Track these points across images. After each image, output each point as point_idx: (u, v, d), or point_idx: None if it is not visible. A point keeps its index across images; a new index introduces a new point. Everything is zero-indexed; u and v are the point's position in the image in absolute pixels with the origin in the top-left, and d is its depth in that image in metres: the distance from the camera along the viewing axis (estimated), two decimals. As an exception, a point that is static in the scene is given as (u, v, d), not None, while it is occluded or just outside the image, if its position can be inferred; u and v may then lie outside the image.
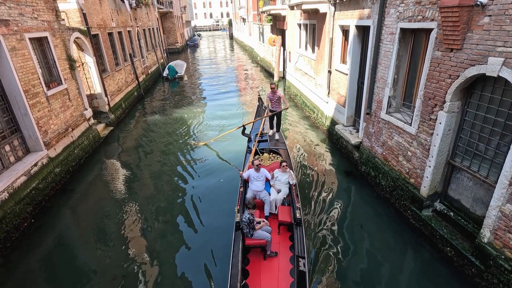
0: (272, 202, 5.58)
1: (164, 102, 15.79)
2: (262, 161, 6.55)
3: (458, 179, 4.94)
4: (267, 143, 7.68)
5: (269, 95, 8.16)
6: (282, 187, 5.76)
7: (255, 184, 5.70)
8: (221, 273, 4.73)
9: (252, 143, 7.63)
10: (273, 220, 5.43)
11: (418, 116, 5.25)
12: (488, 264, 4.09)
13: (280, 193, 5.68)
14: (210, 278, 4.81)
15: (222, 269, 4.78)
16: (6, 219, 5.57)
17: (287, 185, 5.81)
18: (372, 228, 5.78)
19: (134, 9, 17.61)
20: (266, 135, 8.17)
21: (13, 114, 6.57)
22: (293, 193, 5.62)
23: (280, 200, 5.62)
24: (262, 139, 7.92)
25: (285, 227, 5.27)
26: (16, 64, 6.42)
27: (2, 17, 6.19)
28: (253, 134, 8.26)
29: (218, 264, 5.03)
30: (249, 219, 4.53)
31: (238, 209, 5.03)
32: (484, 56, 3.89)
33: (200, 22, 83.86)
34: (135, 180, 7.94)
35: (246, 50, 35.63)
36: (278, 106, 8.15)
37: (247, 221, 4.53)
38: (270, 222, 5.25)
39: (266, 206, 5.53)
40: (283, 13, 15.21)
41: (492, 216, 3.98)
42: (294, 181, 5.84)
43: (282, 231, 5.25)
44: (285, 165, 5.82)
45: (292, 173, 5.90)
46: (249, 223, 4.54)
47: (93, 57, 10.68)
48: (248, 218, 4.53)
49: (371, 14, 6.60)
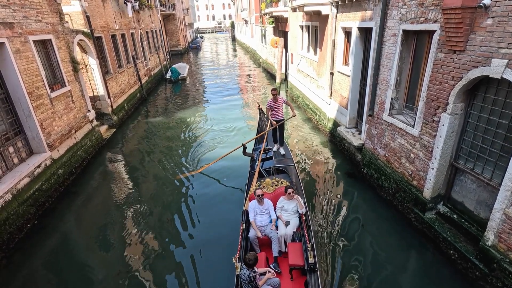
0: (280, 239, 4.74)
1: (167, 104, 15.84)
2: (265, 188, 5.55)
3: (461, 181, 4.91)
4: (272, 161, 6.70)
5: (269, 103, 7.21)
6: (290, 218, 4.94)
7: (259, 219, 4.90)
8: None
9: (256, 161, 6.61)
10: (284, 260, 4.56)
11: (421, 118, 5.23)
12: (492, 268, 4.05)
13: (288, 227, 4.83)
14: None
15: None
16: (9, 220, 5.60)
17: (296, 214, 4.96)
18: (375, 230, 5.75)
19: (137, 12, 17.70)
20: (270, 151, 7.19)
21: (17, 116, 6.61)
22: (303, 226, 4.67)
23: (289, 236, 4.75)
24: (267, 157, 6.99)
25: (299, 271, 4.37)
26: (20, 66, 6.47)
27: (7, 19, 6.25)
28: (256, 151, 7.32)
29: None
30: (249, 276, 3.69)
31: (238, 258, 4.05)
32: (487, 58, 3.87)
33: (202, 24, 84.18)
34: (138, 182, 7.96)
35: (248, 52, 35.69)
36: (279, 115, 7.26)
37: (247, 279, 3.69)
38: (280, 262, 4.54)
39: (274, 245, 4.64)
40: (285, 15, 15.24)
41: (496, 219, 3.95)
42: (303, 210, 4.88)
43: (295, 276, 4.35)
44: (291, 191, 4.95)
45: (300, 199, 5.02)
46: (249, 281, 3.69)
47: (96, 59, 10.75)
48: (248, 275, 3.69)
49: (373, 16, 6.59)
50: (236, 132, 10.95)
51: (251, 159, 7.15)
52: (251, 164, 6.99)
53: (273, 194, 5.42)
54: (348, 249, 5.31)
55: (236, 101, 15.67)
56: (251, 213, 4.91)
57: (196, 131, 11.42)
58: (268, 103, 7.31)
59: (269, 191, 5.50)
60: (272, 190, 5.51)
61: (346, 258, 5.12)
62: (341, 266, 4.97)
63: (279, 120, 7.29)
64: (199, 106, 14.99)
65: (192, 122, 12.44)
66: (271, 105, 7.22)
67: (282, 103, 7.24)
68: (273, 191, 5.50)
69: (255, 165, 6.42)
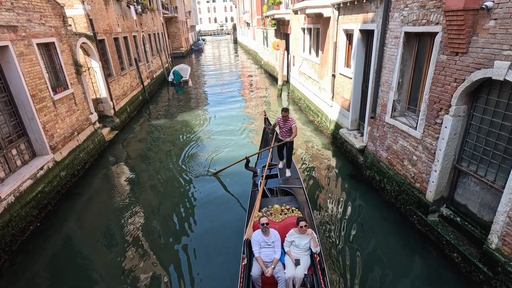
0: (288, 281, 3.90)
1: (169, 107, 15.89)
2: (272, 215, 4.63)
3: (464, 183, 4.88)
4: (277, 181, 5.93)
5: (279, 121, 6.33)
6: (301, 256, 4.13)
7: (264, 253, 4.10)
8: None
9: (259, 178, 5.95)
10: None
11: (423, 120, 5.21)
12: (496, 271, 4.01)
13: (299, 268, 4.01)
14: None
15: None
16: (12, 222, 5.62)
17: (308, 252, 4.16)
18: (377, 233, 5.71)
19: (139, 14, 17.81)
20: (275, 167, 6.53)
21: (20, 118, 6.65)
22: (317, 269, 3.88)
23: (299, 279, 3.92)
24: (271, 173, 6.31)
25: None
26: (24, 69, 6.52)
27: (11, 23, 6.30)
28: (260, 166, 6.60)
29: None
30: None
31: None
32: (490, 60, 3.86)
33: (204, 27, 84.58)
34: (140, 184, 7.97)
35: (250, 54, 35.79)
36: (287, 137, 6.37)
37: None
38: None
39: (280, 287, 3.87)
40: (287, 17, 15.28)
41: (500, 222, 3.92)
42: (318, 249, 4.12)
43: None
44: (304, 225, 4.12)
45: (315, 235, 4.22)
46: None
47: (99, 62, 10.81)
48: None
49: (375, 18, 6.59)
50: (239, 137, 10.90)
51: (253, 174, 6.50)
52: (253, 179, 6.29)
53: (281, 224, 4.51)
54: (350, 252, 5.28)
55: (238, 104, 15.68)
56: (255, 247, 4.11)
57: (198, 134, 11.42)
58: (277, 119, 6.43)
59: (277, 219, 4.59)
60: (280, 219, 4.60)
61: (348, 261, 5.08)
62: (342, 268, 4.93)
63: (286, 141, 6.41)
64: (201, 109, 15.01)
65: (194, 125, 12.45)
66: (280, 124, 6.35)
67: (290, 127, 6.23)
68: (281, 221, 4.57)
69: (258, 182, 5.75)
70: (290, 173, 6.20)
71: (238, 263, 4.32)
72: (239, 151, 9.17)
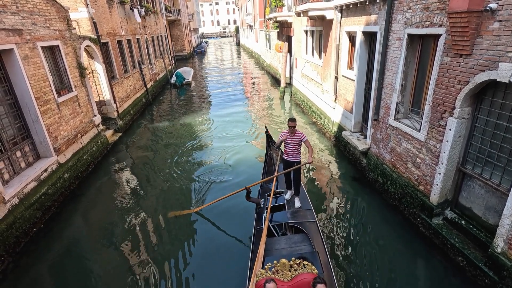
0: None
1: (172, 109, 15.93)
2: (279, 273, 3.67)
3: (469, 186, 4.83)
4: (285, 214, 5.10)
5: (283, 135, 5.37)
6: None
7: None
8: None
9: (264, 212, 5.13)
10: None
11: (427, 123, 5.18)
12: (502, 275, 3.96)
13: None
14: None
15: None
16: (16, 224, 5.65)
17: None
18: (380, 236, 5.67)
19: (143, 17, 17.94)
20: (282, 196, 5.69)
21: (24, 121, 6.70)
22: None
23: None
24: (277, 204, 5.49)
25: None
26: (28, 72, 6.57)
27: (16, 26, 6.36)
28: (264, 196, 5.72)
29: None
30: None
31: None
32: (494, 62, 3.83)
33: (207, 29, 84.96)
34: (143, 186, 7.99)
35: (253, 56, 35.87)
36: (295, 155, 5.38)
37: None
38: None
39: None
40: (289, 19, 15.30)
41: (506, 225, 3.87)
42: None
43: None
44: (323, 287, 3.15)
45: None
46: None
47: (102, 65, 10.89)
48: None
49: (378, 20, 6.58)
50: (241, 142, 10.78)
51: (256, 206, 5.60)
52: (256, 213, 5.41)
53: (291, 285, 3.60)
54: (353, 255, 5.24)
55: (240, 108, 15.45)
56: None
57: (200, 137, 11.42)
58: (281, 134, 5.42)
59: (285, 278, 3.66)
60: (289, 278, 3.65)
61: (351, 264, 5.05)
62: (345, 272, 4.90)
63: (292, 162, 5.42)
64: (203, 112, 14.98)
65: (197, 129, 12.39)
66: (284, 139, 5.37)
67: (299, 141, 5.30)
68: (291, 279, 3.63)
69: (263, 216, 4.96)
70: (299, 203, 5.37)
71: None
72: (239, 169, 8.49)
